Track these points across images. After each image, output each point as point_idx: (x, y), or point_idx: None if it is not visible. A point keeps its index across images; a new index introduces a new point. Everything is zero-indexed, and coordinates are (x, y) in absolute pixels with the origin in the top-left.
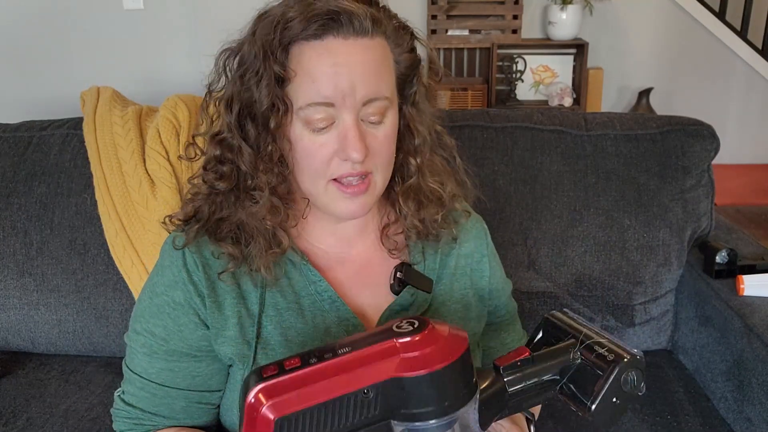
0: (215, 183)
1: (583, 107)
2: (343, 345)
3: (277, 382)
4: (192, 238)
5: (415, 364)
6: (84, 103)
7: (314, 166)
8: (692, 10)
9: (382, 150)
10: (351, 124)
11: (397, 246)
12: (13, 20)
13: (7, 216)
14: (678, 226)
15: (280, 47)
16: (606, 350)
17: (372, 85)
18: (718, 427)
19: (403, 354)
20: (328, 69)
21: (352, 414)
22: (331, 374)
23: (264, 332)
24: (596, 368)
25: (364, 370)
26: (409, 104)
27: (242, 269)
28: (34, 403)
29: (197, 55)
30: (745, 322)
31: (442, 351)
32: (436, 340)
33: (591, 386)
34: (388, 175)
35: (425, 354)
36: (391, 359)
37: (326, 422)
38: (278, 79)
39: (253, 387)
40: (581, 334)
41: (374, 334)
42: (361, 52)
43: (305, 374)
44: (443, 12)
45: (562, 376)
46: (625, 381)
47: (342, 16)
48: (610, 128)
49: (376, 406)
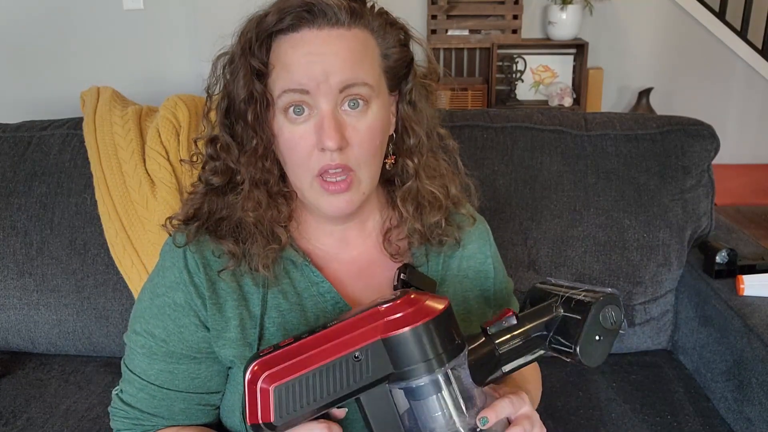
0: (210, 179)
1: (583, 107)
2: (332, 319)
3: (271, 356)
4: (192, 236)
5: (398, 323)
6: (84, 103)
7: (296, 160)
8: (692, 10)
9: (363, 143)
10: (327, 112)
11: (399, 251)
12: (13, 20)
13: (7, 216)
14: (678, 226)
15: (257, 41)
16: (583, 296)
17: (348, 71)
18: (718, 427)
19: (387, 318)
20: (302, 58)
21: (346, 379)
22: (322, 343)
23: (266, 334)
24: (576, 314)
25: (352, 336)
26: (405, 103)
27: (243, 268)
28: (34, 403)
29: (197, 55)
30: (745, 322)
31: (423, 310)
32: (417, 302)
33: (574, 332)
34: (375, 173)
35: (407, 314)
36: (376, 323)
37: (322, 388)
38: (258, 73)
39: (250, 363)
40: (562, 289)
41: (360, 308)
42: (336, 41)
43: (297, 346)
44: (443, 12)
45: (548, 331)
46: (605, 318)
47: (315, 7)
48: (610, 128)
49: (368, 369)
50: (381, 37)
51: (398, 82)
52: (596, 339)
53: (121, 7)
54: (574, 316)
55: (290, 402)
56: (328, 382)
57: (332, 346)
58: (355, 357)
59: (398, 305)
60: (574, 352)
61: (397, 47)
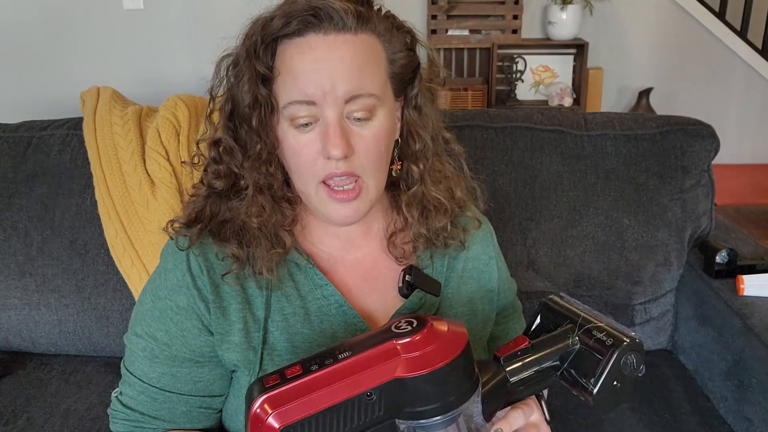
0: (213, 182)
1: (583, 107)
2: (344, 349)
3: (280, 392)
4: (195, 238)
5: (416, 364)
6: (84, 103)
7: (301, 166)
8: (692, 10)
9: (369, 150)
10: (332, 121)
11: (404, 254)
12: (13, 20)
13: (7, 216)
14: (678, 225)
15: (262, 45)
16: (604, 335)
17: (354, 81)
18: (718, 427)
19: (404, 355)
20: (308, 66)
21: (356, 416)
22: (333, 380)
23: (270, 338)
24: (595, 353)
25: (366, 374)
26: (410, 108)
27: (246, 271)
28: (34, 403)
29: (197, 55)
30: (744, 322)
31: (443, 349)
32: (436, 339)
33: (591, 370)
34: (382, 179)
35: (426, 353)
36: (392, 361)
37: (331, 426)
38: (263, 78)
39: (257, 398)
40: (579, 318)
41: (374, 335)
42: (342, 47)
43: (307, 382)
44: (443, 12)
45: (562, 362)
46: (625, 364)
47: (322, 11)
48: (610, 128)
49: (380, 407)
50: (387, 42)
51: (404, 87)
52: (614, 384)
53: (121, 7)
54: (594, 354)
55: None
56: (338, 420)
57: (345, 385)
58: (368, 395)
59: (417, 342)
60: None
61: (404, 52)
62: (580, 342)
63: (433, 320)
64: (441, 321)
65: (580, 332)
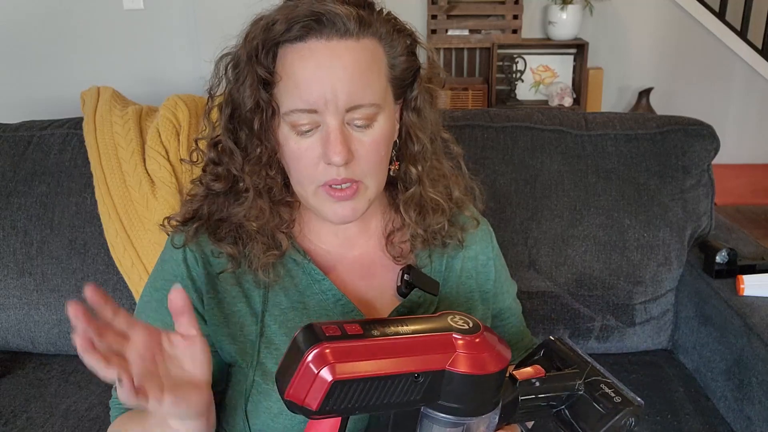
0: (211, 184)
1: (583, 107)
2: (403, 324)
3: (344, 346)
4: (191, 236)
5: (467, 363)
6: (84, 103)
7: (302, 170)
8: (692, 10)
9: (369, 156)
10: (333, 127)
11: (402, 253)
12: (13, 20)
13: (7, 216)
14: (678, 225)
15: (264, 50)
16: (613, 391)
17: (356, 91)
18: (718, 427)
19: (460, 351)
20: (309, 73)
21: (399, 393)
22: (392, 352)
23: (268, 331)
24: (599, 405)
25: (423, 357)
26: (409, 110)
27: (243, 269)
28: (34, 402)
29: (197, 55)
30: (745, 321)
31: (492, 360)
32: (489, 348)
33: (592, 421)
34: (381, 179)
35: (478, 357)
36: (447, 353)
37: (374, 395)
38: (264, 82)
39: (316, 343)
40: (588, 367)
41: (430, 319)
42: (345, 54)
43: (370, 346)
44: (443, 12)
45: (559, 402)
46: (624, 425)
47: (324, 17)
48: (610, 128)
49: (420, 391)
50: (389, 45)
51: (404, 90)
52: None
53: (121, 7)
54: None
55: (341, 399)
56: (382, 391)
57: (402, 361)
58: (416, 377)
59: (473, 344)
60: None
61: (405, 56)
62: (585, 389)
63: (485, 329)
64: (492, 333)
65: (586, 380)
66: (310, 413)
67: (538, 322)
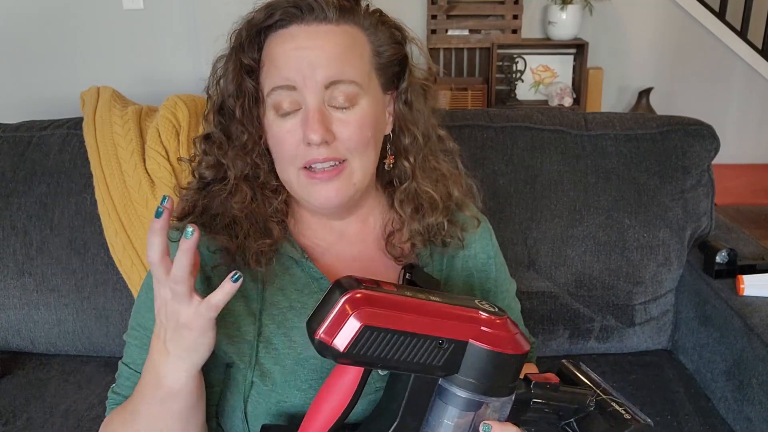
0: (203, 173)
1: (583, 107)
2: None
3: (376, 295)
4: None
5: (488, 339)
6: (84, 103)
7: (284, 153)
8: (692, 10)
9: (352, 135)
10: (312, 106)
11: (403, 253)
12: (13, 20)
13: (7, 216)
14: (678, 225)
15: (247, 38)
16: (623, 409)
17: (334, 67)
18: (718, 427)
19: (483, 327)
20: (289, 53)
21: (422, 354)
22: (422, 312)
23: (266, 331)
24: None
25: (449, 323)
26: (401, 102)
27: (239, 264)
28: (34, 403)
29: (197, 55)
30: (745, 322)
31: (512, 342)
32: (511, 332)
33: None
34: (368, 164)
35: (499, 335)
36: (472, 325)
37: (400, 351)
38: (248, 69)
39: (354, 288)
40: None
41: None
42: (323, 36)
43: (402, 300)
44: (443, 12)
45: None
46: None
47: (303, 3)
48: (610, 128)
49: (442, 358)
50: (373, 35)
51: (393, 80)
52: None
53: (121, 7)
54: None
55: (368, 345)
56: (407, 350)
57: (430, 321)
58: (440, 342)
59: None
60: None
61: (390, 45)
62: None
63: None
64: (515, 324)
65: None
66: (337, 355)
67: (538, 322)
